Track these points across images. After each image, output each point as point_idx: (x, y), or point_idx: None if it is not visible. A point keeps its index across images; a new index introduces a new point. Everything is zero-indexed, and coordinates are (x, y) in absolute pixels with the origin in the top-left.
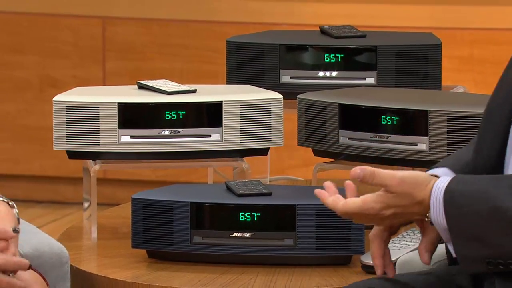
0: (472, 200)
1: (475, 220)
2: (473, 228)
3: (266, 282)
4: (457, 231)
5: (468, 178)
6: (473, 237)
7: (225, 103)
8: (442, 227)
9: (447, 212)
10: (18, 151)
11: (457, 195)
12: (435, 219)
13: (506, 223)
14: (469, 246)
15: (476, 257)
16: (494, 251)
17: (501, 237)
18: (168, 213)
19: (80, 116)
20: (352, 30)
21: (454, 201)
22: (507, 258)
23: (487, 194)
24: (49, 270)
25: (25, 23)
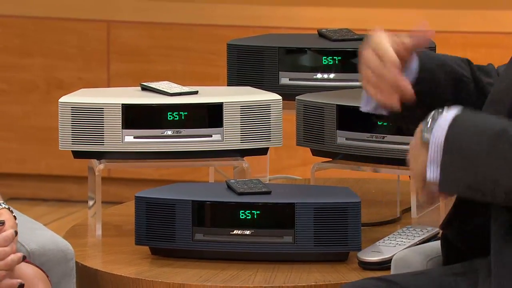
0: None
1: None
2: (470, 149)
3: (265, 278)
4: (453, 148)
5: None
6: (466, 158)
7: (225, 104)
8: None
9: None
10: (25, 151)
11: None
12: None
13: (507, 149)
14: (457, 166)
15: (459, 179)
16: (480, 178)
17: (493, 164)
18: (170, 211)
19: (85, 117)
20: (349, 33)
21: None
22: (489, 188)
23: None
24: (55, 267)
25: (32, 27)
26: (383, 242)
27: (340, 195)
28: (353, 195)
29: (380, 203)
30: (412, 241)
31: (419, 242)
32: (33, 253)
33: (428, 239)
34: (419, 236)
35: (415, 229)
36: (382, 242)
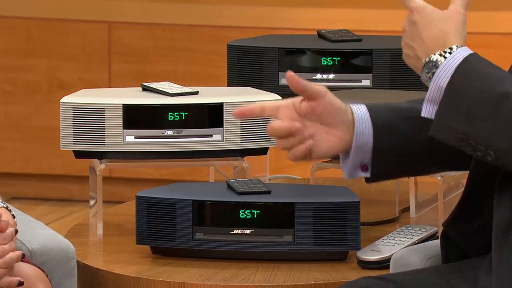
0: (487, 78)
1: (480, 95)
2: (472, 102)
3: (265, 277)
4: (453, 97)
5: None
6: (465, 109)
7: (226, 104)
8: (439, 85)
9: (455, 75)
10: (28, 150)
11: (473, 67)
12: (440, 73)
13: (508, 113)
14: (454, 115)
15: (452, 127)
16: (476, 131)
17: (492, 123)
18: (171, 211)
19: (86, 117)
20: (349, 34)
21: (468, 69)
22: (481, 144)
23: (505, 79)
24: (57, 266)
25: (35, 28)
26: (382, 241)
27: (340, 194)
28: (352, 195)
29: (379, 203)
30: (411, 240)
31: (418, 241)
32: (34, 252)
33: (427, 238)
34: (417, 235)
35: (414, 229)
36: (381, 241)
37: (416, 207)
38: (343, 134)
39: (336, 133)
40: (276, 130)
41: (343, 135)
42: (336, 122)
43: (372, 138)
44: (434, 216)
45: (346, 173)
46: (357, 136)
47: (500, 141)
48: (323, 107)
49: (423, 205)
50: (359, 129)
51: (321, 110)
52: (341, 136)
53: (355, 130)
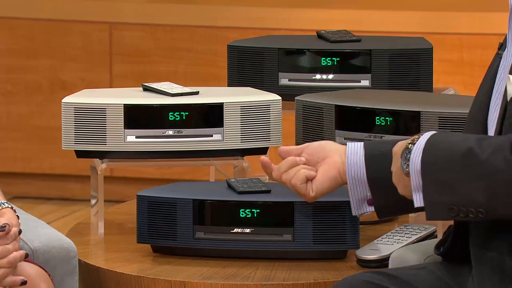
0: (450, 147)
1: (448, 164)
2: (444, 172)
3: (265, 275)
4: (429, 176)
5: (451, 132)
6: (442, 182)
7: (226, 104)
8: (416, 169)
9: (424, 156)
10: (30, 150)
11: (436, 142)
12: (412, 160)
13: (476, 167)
14: (436, 190)
15: (441, 203)
16: (458, 197)
17: (467, 183)
18: (171, 210)
19: (87, 117)
20: (348, 34)
21: (432, 146)
22: (469, 206)
23: (465, 140)
24: (58, 264)
25: (37, 28)
26: (381, 240)
27: (338, 193)
28: None
29: None
30: (410, 239)
31: (416, 240)
32: (36, 251)
33: (425, 237)
34: (416, 234)
35: (412, 227)
36: (380, 240)
37: None
38: (334, 159)
39: (327, 160)
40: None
41: (334, 159)
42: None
43: (364, 168)
44: None
45: (352, 209)
46: (348, 167)
47: (480, 196)
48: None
49: None
50: (350, 160)
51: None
52: (332, 161)
53: (346, 161)
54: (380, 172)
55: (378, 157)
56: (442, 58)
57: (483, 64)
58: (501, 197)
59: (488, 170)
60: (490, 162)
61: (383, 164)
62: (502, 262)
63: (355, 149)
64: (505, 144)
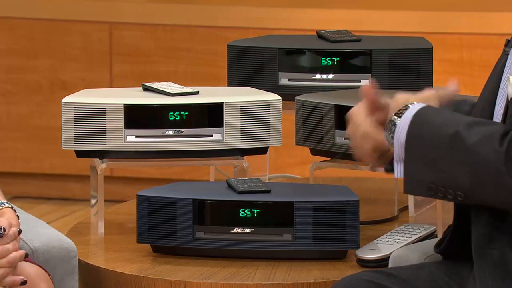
0: (437, 125)
1: (434, 142)
2: (429, 150)
3: (265, 275)
4: (413, 150)
5: (439, 109)
6: (424, 158)
7: (226, 104)
8: (400, 141)
9: (410, 128)
10: (29, 150)
11: (426, 118)
12: (397, 131)
13: (461, 152)
14: (418, 167)
15: (421, 179)
16: (440, 177)
17: (451, 165)
18: (171, 210)
19: (87, 117)
20: (348, 34)
21: (419, 121)
22: (449, 187)
23: (453, 121)
24: (58, 264)
25: (37, 28)
26: (381, 240)
27: (339, 193)
28: (351, 194)
29: (378, 202)
30: (410, 239)
31: (416, 240)
32: (36, 251)
33: (425, 237)
34: (416, 234)
35: (412, 227)
36: (380, 240)
37: (415, 206)
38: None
39: None
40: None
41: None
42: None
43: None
44: (433, 215)
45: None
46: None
47: (463, 181)
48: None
49: (422, 204)
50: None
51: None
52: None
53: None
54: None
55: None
56: (442, 58)
57: (483, 64)
58: (486, 186)
59: (476, 158)
60: (478, 150)
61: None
62: (504, 257)
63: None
64: (495, 135)
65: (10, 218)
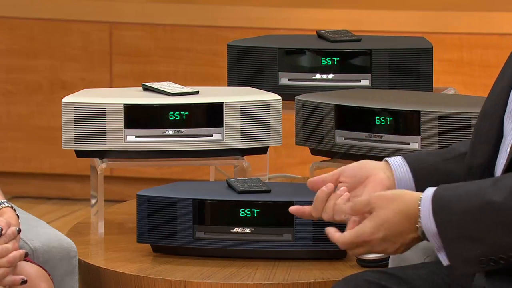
0: (462, 200)
1: (465, 218)
2: (464, 227)
3: (265, 275)
4: (447, 233)
5: (453, 184)
6: (464, 237)
7: (226, 104)
8: (432, 233)
9: (436, 215)
10: (29, 150)
11: (445, 198)
12: (425, 226)
13: (499, 217)
14: (460, 247)
15: (468, 257)
16: (486, 247)
17: (493, 232)
18: (171, 209)
19: (87, 117)
20: (348, 34)
21: (442, 203)
22: (499, 253)
23: (477, 192)
24: (58, 264)
25: (36, 28)
26: None
27: None
28: None
29: None
30: None
31: None
32: (36, 250)
33: None
34: None
35: None
36: None
37: None
38: (380, 176)
39: (372, 179)
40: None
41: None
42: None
43: (412, 181)
44: None
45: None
46: (397, 181)
47: (507, 241)
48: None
49: None
50: (398, 174)
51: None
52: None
53: (394, 175)
54: (429, 183)
55: (426, 169)
56: (442, 58)
57: (483, 64)
58: None
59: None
60: (509, 204)
61: (432, 176)
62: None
63: (397, 162)
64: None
65: (10, 217)
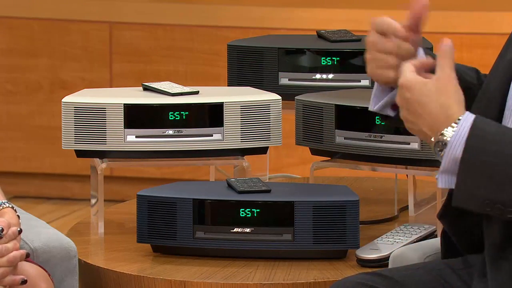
0: (497, 140)
1: (495, 159)
2: (489, 166)
3: (265, 275)
4: (470, 164)
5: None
6: (483, 175)
7: (226, 104)
8: (453, 155)
9: (468, 141)
10: (30, 150)
11: (484, 131)
12: (453, 144)
13: None
14: (475, 182)
15: (476, 194)
16: (501, 195)
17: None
18: (171, 209)
19: (87, 117)
20: (348, 34)
21: (479, 134)
22: (510, 206)
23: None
24: (58, 264)
25: (36, 28)
26: (381, 240)
27: (339, 193)
28: (351, 194)
29: (378, 202)
30: (410, 239)
31: (416, 239)
32: (36, 250)
33: (425, 237)
34: (416, 233)
35: (412, 227)
36: (380, 239)
37: (415, 206)
38: None
39: None
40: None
41: None
42: None
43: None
44: (433, 214)
45: (378, 104)
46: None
47: None
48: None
49: (422, 204)
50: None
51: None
52: None
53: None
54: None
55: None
56: None
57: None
58: None
59: None
60: None
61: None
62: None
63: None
64: None
65: (10, 218)
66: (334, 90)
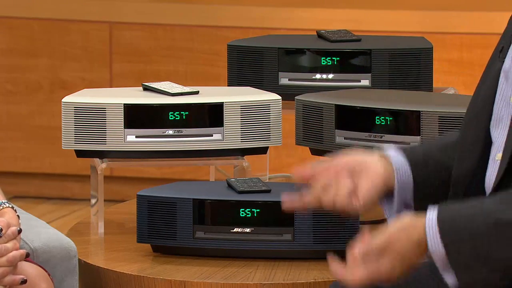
0: (469, 222)
1: (475, 241)
2: (474, 249)
3: (265, 275)
4: (457, 256)
5: (456, 205)
6: (474, 259)
7: (226, 104)
8: (439, 257)
9: (444, 238)
10: (29, 150)
11: (451, 219)
12: (433, 249)
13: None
14: (470, 269)
15: (478, 278)
16: (497, 266)
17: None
18: (171, 209)
19: (87, 117)
20: (348, 34)
21: (449, 225)
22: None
23: (484, 212)
24: (58, 264)
25: (36, 28)
26: None
27: None
28: None
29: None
30: None
31: None
32: (36, 250)
33: None
34: None
35: None
36: None
37: None
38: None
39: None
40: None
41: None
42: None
43: (410, 170)
44: None
45: (393, 213)
46: (396, 171)
47: None
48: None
49: None
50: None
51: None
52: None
53: (393, 165)
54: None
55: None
56: (442, 58)
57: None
58: None
59: None
60: None
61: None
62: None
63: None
64: None
65: (10, 218)
66: (334, 90)
